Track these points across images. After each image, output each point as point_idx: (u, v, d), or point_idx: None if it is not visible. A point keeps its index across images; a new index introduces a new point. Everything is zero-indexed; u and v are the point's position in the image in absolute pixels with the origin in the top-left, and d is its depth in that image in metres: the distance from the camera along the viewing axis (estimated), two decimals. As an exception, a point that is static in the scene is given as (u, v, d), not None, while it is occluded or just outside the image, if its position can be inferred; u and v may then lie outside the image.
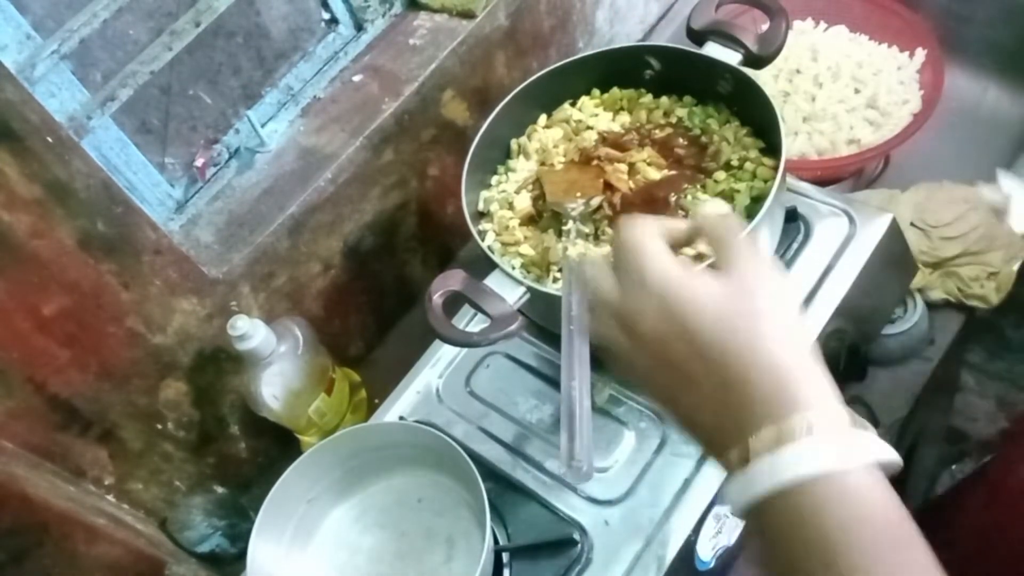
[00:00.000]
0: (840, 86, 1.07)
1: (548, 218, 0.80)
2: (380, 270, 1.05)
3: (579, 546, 0.72)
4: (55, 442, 0.80)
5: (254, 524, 0.75)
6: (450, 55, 0.98)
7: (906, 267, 0.89)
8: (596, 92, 0.88)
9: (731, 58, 0.79)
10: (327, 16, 1.01)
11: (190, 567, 0.89)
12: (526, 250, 0.78)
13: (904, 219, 0.93)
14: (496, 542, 0.74)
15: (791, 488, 0.40)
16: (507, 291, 0.71)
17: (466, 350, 0.86)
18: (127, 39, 0.83)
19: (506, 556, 0.75)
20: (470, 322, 0.86)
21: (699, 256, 0.72)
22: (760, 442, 0.41)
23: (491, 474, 0.77)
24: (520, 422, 0.81)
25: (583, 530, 0.73)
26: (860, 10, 1.12)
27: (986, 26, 1.13)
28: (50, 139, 0.69)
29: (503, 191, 0.84)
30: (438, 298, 0.70)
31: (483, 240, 0.79)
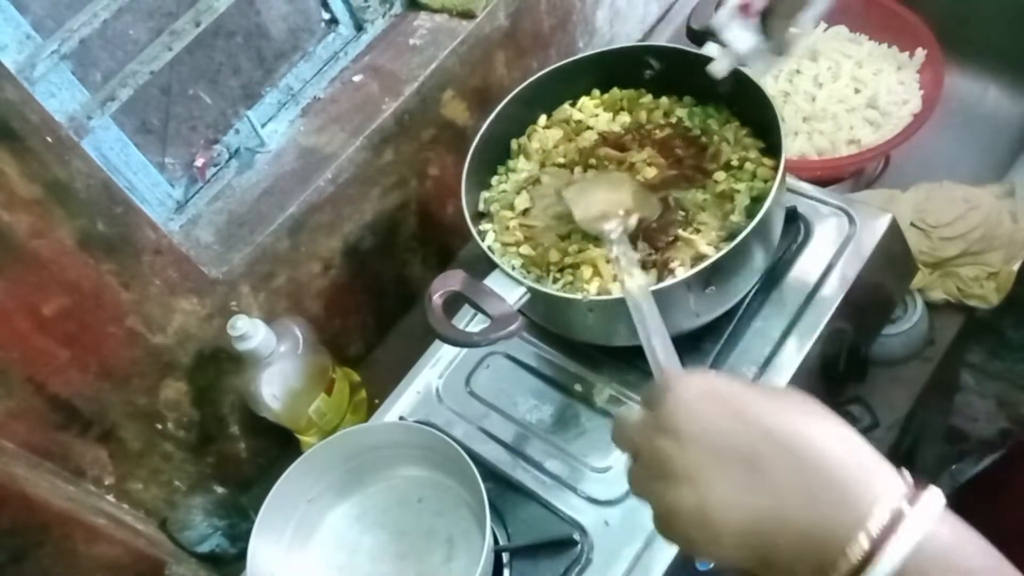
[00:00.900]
0: (840, 86, 1.07)
1: (549, 219, 0.80)
2: (380, 270, 1.05)
3: (579, 546, 0.72)
4: (55, 442, 0.80)
5: (254, 524, 0.75)
6: (450, 55, 0.98)
7: (906, 267, 0.89)
8: (596, 92, 0.88)
9: (731, 58, 0.79)
10: (327, 16, 1.01)
11: (190, 567, 0.89)
12: (526, 250, 0.78)
13: (904, 219, 0.93)
14: (496, 542, 0.74)
15: (916, 559, 0.40)
16: (507, 291, 0.71)
17: (466, 350, 0.87)
18: (127, 39, 0.83)
19: (506, 556, 0.75)
20: (470, 322, 0.86)
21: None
22: (877, 523, 0.40)
23: (491, 474, 0.77)
24: (520, 422, 0.81)
25: (583, 530, 0.73)
26: (860, 10, 1.12)
27: (986, 26, 1.13)
28: (50, 139, 0.69)
29: (503, 191, 0.84)
30: (438, 298, 0.70)
31: (483, 240, 0.79)
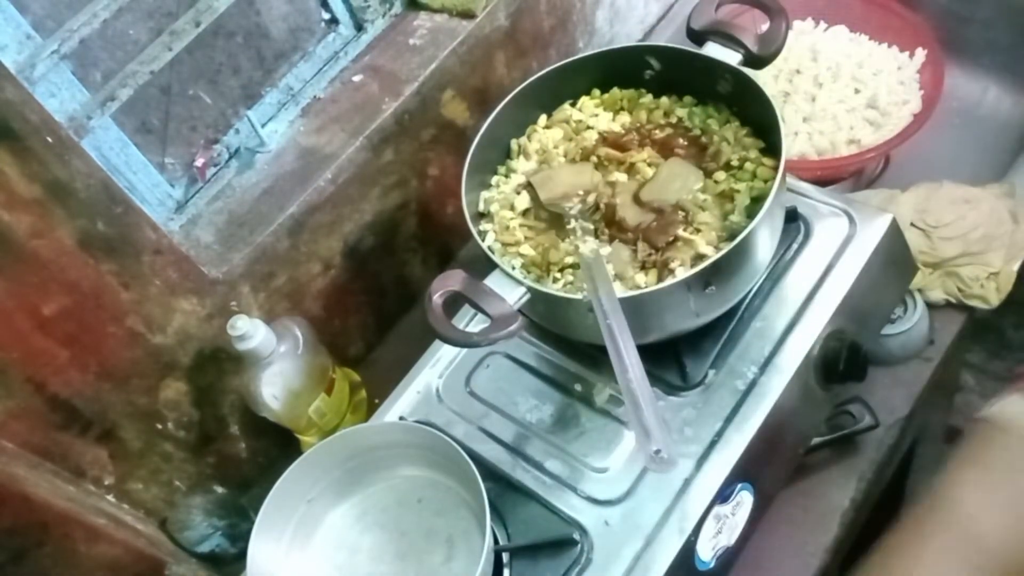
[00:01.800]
0: (840, 86, 1.07)
1: (550, 220, 0.80)
2: (380, 270, 1.05)
3: (579, 546, 0.72)
4: (55, 442, 0.80)
5: (254, 524, 0.75)
6: (450, 55, 0.98)
7: (906, 267, 0.89)
8: (596, 92, 0.88)
9: (731, 58, 0.79)
10: (327, 16, 1.01)
11: (190, 567, 0.89)
12: (526, 250, 0.78)
13: (904, 219, 0.93)
14: (496, 542, 0.74)
15: None
16: (507, 291, 0.71)
17: (466, 350, 0.86)
18: (127, 39, 0.83)
19: (506, 556, 0.75)
20: (470, 322, 0.86)
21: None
22: None
23: (491, 474, 0.77)
24: (520, 422, 0.81)
25: (583, 530, 0.73)
26: (860, 10, 1.12)
27: (986, 26, 1.12)
28: (50, 139, 0.69)
29: (503, 191, 0.84)
30: (438, 298, 0.69)
31: (483, 240, 0.79)
